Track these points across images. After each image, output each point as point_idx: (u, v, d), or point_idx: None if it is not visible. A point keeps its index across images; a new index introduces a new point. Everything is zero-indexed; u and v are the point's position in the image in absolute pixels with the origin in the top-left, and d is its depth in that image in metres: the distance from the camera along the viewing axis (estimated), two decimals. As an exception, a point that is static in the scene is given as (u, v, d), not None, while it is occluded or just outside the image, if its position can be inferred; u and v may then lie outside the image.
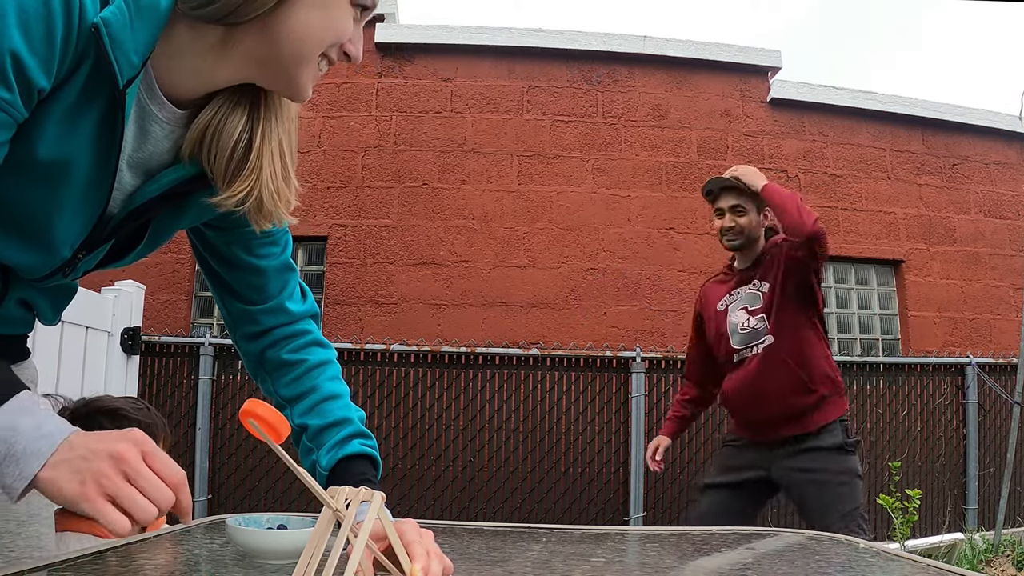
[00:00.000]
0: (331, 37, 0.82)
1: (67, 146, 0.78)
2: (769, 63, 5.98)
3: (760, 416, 2.63)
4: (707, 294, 2.86)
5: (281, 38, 0.80)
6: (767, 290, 2.64)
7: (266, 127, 0.89)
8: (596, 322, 5.51)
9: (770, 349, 2.60)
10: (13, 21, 0.69)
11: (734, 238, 2.69)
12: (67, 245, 0.87)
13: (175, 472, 0.72)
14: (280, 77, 0.84)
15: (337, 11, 0.81)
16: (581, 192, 5.71)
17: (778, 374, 2.58)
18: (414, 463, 4.64)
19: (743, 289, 2.71)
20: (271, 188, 0.89)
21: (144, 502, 0.70)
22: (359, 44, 0.86)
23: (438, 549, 0.81)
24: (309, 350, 1.08)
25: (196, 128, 0.86)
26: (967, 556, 4.22)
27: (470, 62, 5.79)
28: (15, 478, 0.69)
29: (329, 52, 0.84)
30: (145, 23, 0.76)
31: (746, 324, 2.65)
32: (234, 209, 0.89)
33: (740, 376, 2.67)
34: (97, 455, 0.69)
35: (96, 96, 0.77)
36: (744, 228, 2.67)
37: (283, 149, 0.91)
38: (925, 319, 5.92)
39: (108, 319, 3.65)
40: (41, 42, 0.71)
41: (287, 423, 0.73)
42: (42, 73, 0.72)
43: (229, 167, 0.87)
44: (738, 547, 1.22)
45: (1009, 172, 6.32)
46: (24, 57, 0.70)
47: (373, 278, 5.50)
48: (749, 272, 2.72)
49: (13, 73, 0.70)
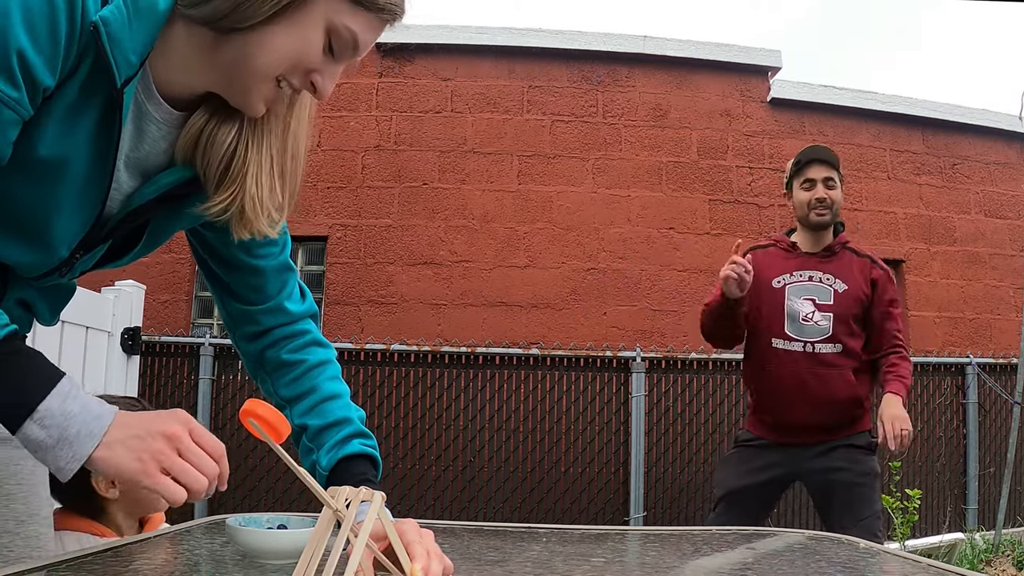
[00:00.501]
0: (290, 60, 0.81)
1: (66, 144, 0.78)
2: (769, 63, 5.98)
3: (800, 419, 2.49)
4: (759, 262, 2.56)
5: (249, 53, 0.79)
6: (841, 291, 2.50)
7: (257, 139, 0.89)
8: (596, 322, 5.51)
9: (833, 354, 2.48)
10: (19, 19, 0.69)
11: (824, 212, 2.51)
12: (65, 244, 0.87)
13: (217, 446, 0.80)
14: (236, 90, 0.83)
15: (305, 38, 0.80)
16: (581, 192, 5.71)
17: (833, 381, 2.46)
18: (414, 463, 4.64)
19: (810, 275, 2.54)
20: (254, 200, 0.88)
21: (196, 474, 0.77)
22: (328, 79, 0.85)
23: (438, 549, 0.81)
24: (309, 350, 1.08)
25: (190, 132, 0.87)
26: (967, 556, 4.22)
27: (470, 62, 5.78)
28: (68, 459, 0.74)
29: (290, 76, 0.82)
30: (144, 23, 0.76)
31: (809, 316, 2.50)
32: (216, 219, 0.89)
33: (789, 372, 2.49)
34: (151, 434, 0.76)
35: (95, 95, 0.77)
36: (836, 202, 2.52)
37: (273, 164, 0.90)
38: (925, 319, 5.92)
39: (108, 319, 3.65)
40: (46, 40, 0.71)
41: (287, 423, 0.73)
42: (47, 71, 0.73)
43: (217, 175, 0.87)
44: (738, 547, 1.22)
45: (1009, 172, 6.32)
46: (30, 55, 0.71)
47: (373, 278, 5.50)
48: (819, 261, 2.55)
49: (20, 72, 0.71)
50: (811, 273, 2.55)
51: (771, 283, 2.56)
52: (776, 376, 2.53)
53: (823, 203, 2.52)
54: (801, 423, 2.49)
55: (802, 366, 2.49)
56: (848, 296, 2.51)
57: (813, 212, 2.53)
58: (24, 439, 0.75)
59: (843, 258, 2.58)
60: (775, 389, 2.54)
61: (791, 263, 2.58)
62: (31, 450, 0.76)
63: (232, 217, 0.89)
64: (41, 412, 0.74)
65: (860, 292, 2.52)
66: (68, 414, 0.75)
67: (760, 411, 2.62)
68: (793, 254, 2.60)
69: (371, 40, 0.85)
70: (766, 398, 2.58)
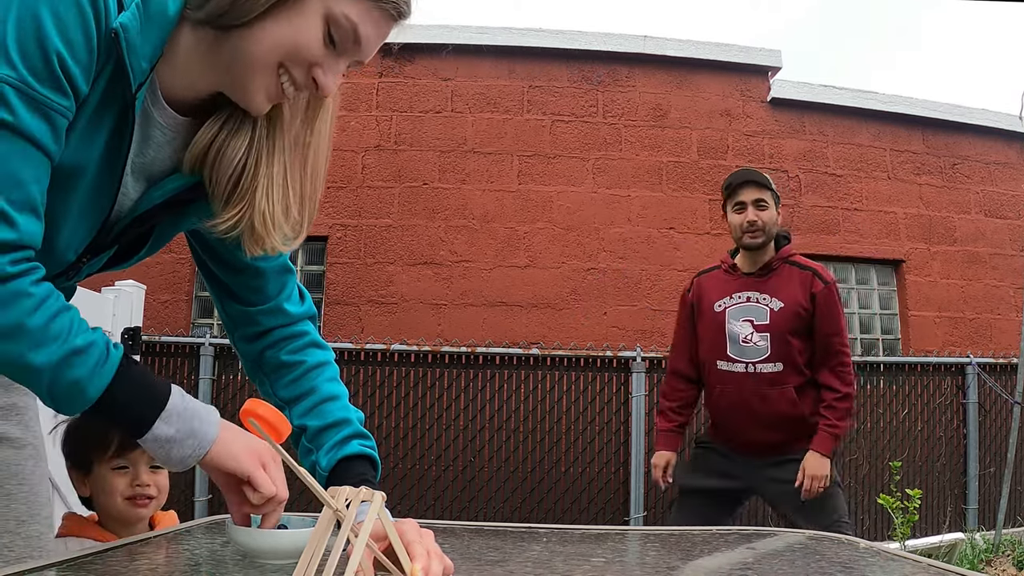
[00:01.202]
0: (287, 47, 0.80)
1: (84, 153, 0.79)
2: (769, 63, 5.98)
3: (750, 438, 2.54)
4: (703, 287, 2.68)
5: (249, 45, 0.80)
6: (776, 309, 2.51)
7: (269, 153, 0.88)
8: (596, 322, 5.51)
9: (774, 373, 2.50)
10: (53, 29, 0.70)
11: (756, 233, 2.53)
12: (72, 249, 0.87)
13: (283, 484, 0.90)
14: (237, 85, 0.83)
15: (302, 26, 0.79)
16: (581, 192, 5.71)
17: (776, 400, 2.49)
18: (414, 463, 4.64)
19: (748, 295, 2.58)
20: (264, 216, 0.88)
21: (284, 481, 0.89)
22: (330, 74, 0.84)
23: (438, 549, 0.81)
24: (307, 351, 1.08)
25: (200, 143, 0.87)
26: (967, 556, 4.22)
27: (470, 62, 5.79)
28: (193, 449, 0.84)
29: (293, 70, 0.82)
30: (154, 28, 0.77)
31: (748, 337, 2.53)
32: (225, 236, 0.89)
33: (735, 391, 2.55)
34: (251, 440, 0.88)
35: (113, 102, 0.78)
36: (767, 224, 2.53)
37: (288, 179, 0.90)
38: (925, 319, 5.92)
39: (108, 319, 3.65)
40: (82, 48, 0.73)
41: (288, 423, 0.74)
42: (83, 79, 0.74)
43: (226, 191, 0.87)
44: (738, 547, 1.22)
45: (1009, 172, 6.33)
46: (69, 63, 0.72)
47: (373, 278, 5.50)
48: (756, 280, 2.58)
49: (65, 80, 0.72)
50: (749, 294, 2.59)
51: (713, 308, 2.63)
52: (724, 396, 2.59)
53: (754, 225, 2.53)
54: (751, 440, 2.54)
55: (746, 387, 2.53)
56: (785, 313, 2.51)
57: (746, 235, 2.56)
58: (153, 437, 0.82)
59: (782, 274, 2.57)
60: (724, 410, 2.61)
61: (731, 285, 2.63)
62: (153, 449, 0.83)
63: (243, 234, 0.89)
64: (168, 410, 0.83)
65: (798, 307, 2.51)
66: (189, 410, 0.84)
67: (715, 429, 2.69)
68: (733, 275, 2.64)
69: (373, 34, 0.83)
70: (718, 418, 2.66)
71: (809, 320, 2.51)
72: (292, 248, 0.95)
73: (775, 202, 2.59)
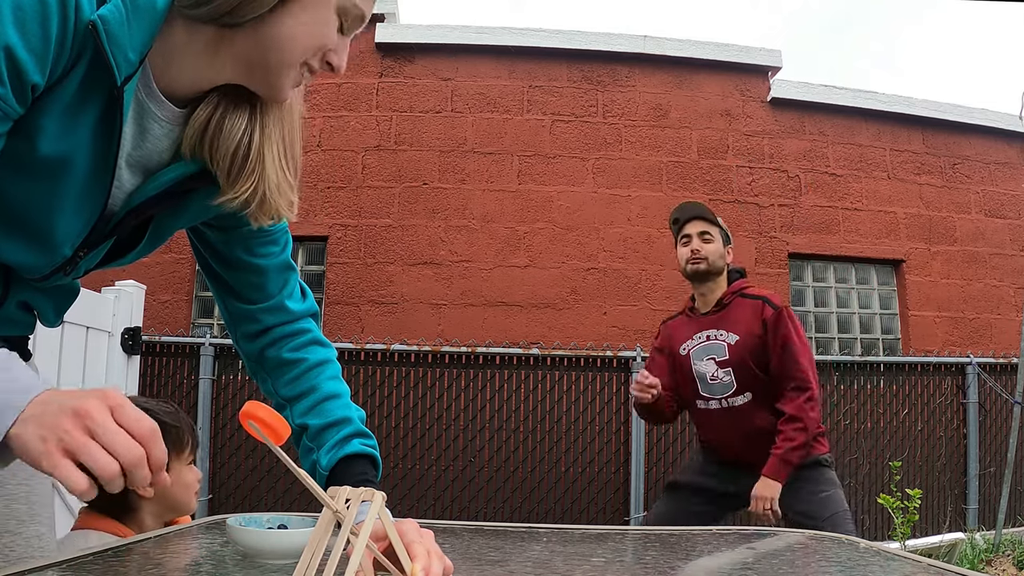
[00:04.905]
0: (315, 44, 0.83)
1: (67, 142, 0.79)
2: (769, 63, 5.98)
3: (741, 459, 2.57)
4: (671, 333, 2.76)
5: (268, 44, 0.81)
6: (733, 343, 2.56)
7: (267, 125, 0.89)
8: (596, 322, 5.51)
9: (746, 404, 2.55)
10: (9, 18, 0.70)
11: (698, 262, 2.59)
12: (68, 243, 0.87)
13: (144, 425, 0.67)
14: (263, 80, 0.85)
15: (322, 20, 0.82)
16: (581, 192, 5.71)
17: (755, 428, 2.52)
18: (414, 463, 4.65)
19: (707, 334, 2.63)
20: (274, 186, 0.90)
21: (105, 458, 0.64)
22: (342, 54, 0.87)
23: (438, 549, 0.81)
24: (309, 349, 1.08)
25: (196, 124, 0.87)
26: (968, 556, 4.22)
27: (470, 62, 5.79)
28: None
29: (311, 60, 0.85)
30: (142, 21, 0.77)
31: (715, 375, 2.58)
32: (238, 210, 0.90)
33: (715, 423, 2.62)
34: (63, 411, 0.65)
35: (94, 93, 0.78)
36: (710, 256, 2.59)
37: (284, 147, 0.92)
38: (925, 319, 5.92)
39: (108, 319, 3.65)
40: (37, 39, 0.72)
41: (287, 425, 0.73)
42: (36, 69, 0.73)
43: (234, 166, 0.88)
44: (738, 547, 1.22)
45: (1009, 172, 6.33)
46: (19, 53, 0.71)
47: (373, 278, 5.50)
48: (712, 318, 2.64)
49: (6, 68, 0.71)
50: (707, 332, 2.64)
51: (679, 352, 2.70)
52: (708, 431, 2.68)
53: (697, 253, 2.60)
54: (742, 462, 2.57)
55: (725, 422, 2.60)
56: (741, 345, 2.55)
57: (689, 264, 2.62)
58: None
59: (734, 308, 2.62)
60: (711, 442, 2.69)
61: (692, 327, 2.69)
62: None
63: (254, 206, 0.90)
64: None
65: (752, 337, 2.54)
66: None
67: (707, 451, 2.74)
68: (693, 317, 2.71)
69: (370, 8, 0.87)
70: (706, 439, 2.72)
71: (765, 347, 2.54)
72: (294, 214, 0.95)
73: (723, 239, 2.66)
